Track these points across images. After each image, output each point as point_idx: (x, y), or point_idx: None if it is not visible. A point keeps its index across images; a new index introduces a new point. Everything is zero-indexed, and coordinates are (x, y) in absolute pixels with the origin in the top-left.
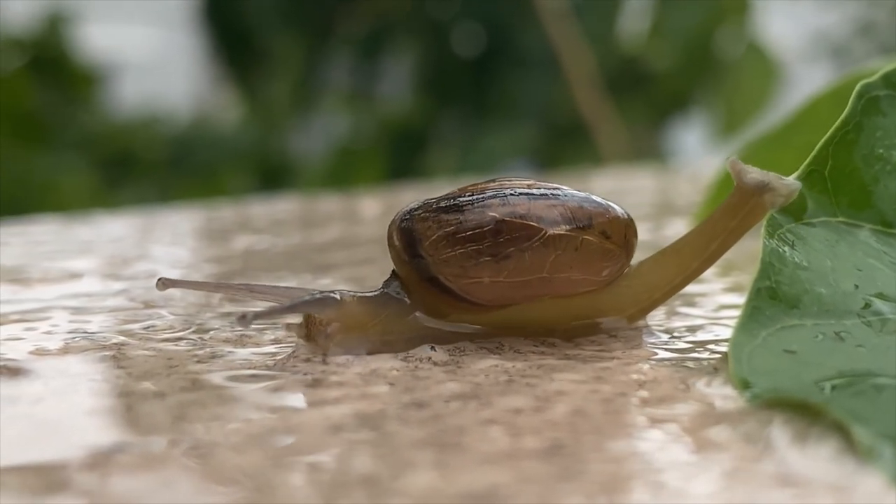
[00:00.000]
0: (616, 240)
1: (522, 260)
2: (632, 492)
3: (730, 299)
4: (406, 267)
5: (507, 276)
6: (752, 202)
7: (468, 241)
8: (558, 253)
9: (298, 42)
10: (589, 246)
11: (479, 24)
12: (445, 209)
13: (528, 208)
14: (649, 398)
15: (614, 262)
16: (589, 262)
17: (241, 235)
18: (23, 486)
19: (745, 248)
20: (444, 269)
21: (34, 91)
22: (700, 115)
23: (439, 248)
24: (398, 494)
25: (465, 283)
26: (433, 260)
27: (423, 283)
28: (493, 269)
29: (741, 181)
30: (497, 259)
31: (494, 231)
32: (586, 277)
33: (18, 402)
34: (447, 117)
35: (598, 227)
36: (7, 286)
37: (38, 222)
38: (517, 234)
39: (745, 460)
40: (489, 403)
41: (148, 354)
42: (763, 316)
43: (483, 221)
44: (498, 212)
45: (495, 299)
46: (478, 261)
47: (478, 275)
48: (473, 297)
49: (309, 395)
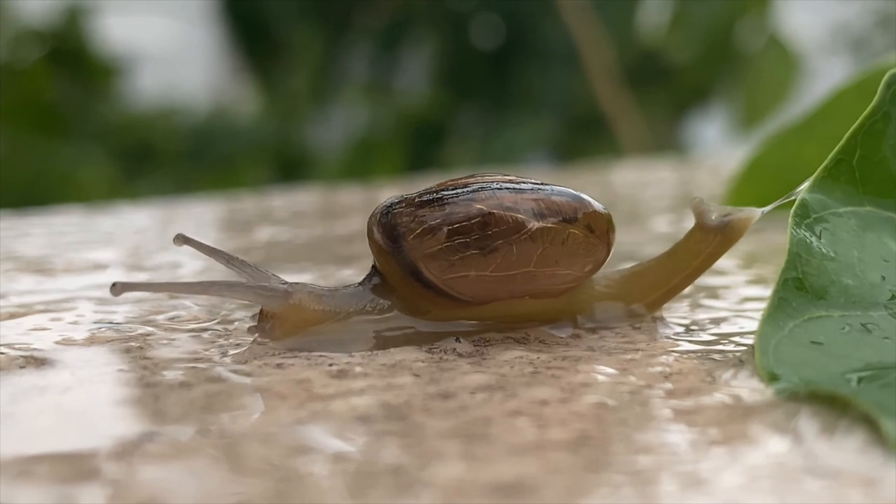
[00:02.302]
0: (599, 234)
1: (510, 253)
2: (659, 483)
3: (753, 291)
4: (388, 262)
5: (493, 269)
6: (716, 241)
7: (455, 234)
8: (546, 246)
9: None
10: (575, 239)
11: (498, 16)
12: (429, 203)
13: (515, 201)
14: (675, 390)
15: (596, 256)
16: (574, 256)
17: (263, 226)
18: (52, 475)
19: (767, 241)
20: (428, 264)
21: (53, 83)
22: (720, 108)
23: (424, 242)
24: (426, 485)
25: (449, 278)
26: (417, 254)
27: (405, 279)
28: (481, 263)
29: (703, 222)
30: (484, 252)
31: (482, 223)
32: (570, 272)
33: (46, 392)
34: (466, 110)
35: (584, 220)
36: (31, 276)
37: (60, 213)
38: (505, 227)
39: (773, 452)
40: (515, 395)
41: (173, 345)
42: (790, 307)
43: (470, 214)
44: (485, 204)
45: (478, 295)
46: (465, 254)
47: (464, 269)
48: (457, 292)
49: (334, 386)
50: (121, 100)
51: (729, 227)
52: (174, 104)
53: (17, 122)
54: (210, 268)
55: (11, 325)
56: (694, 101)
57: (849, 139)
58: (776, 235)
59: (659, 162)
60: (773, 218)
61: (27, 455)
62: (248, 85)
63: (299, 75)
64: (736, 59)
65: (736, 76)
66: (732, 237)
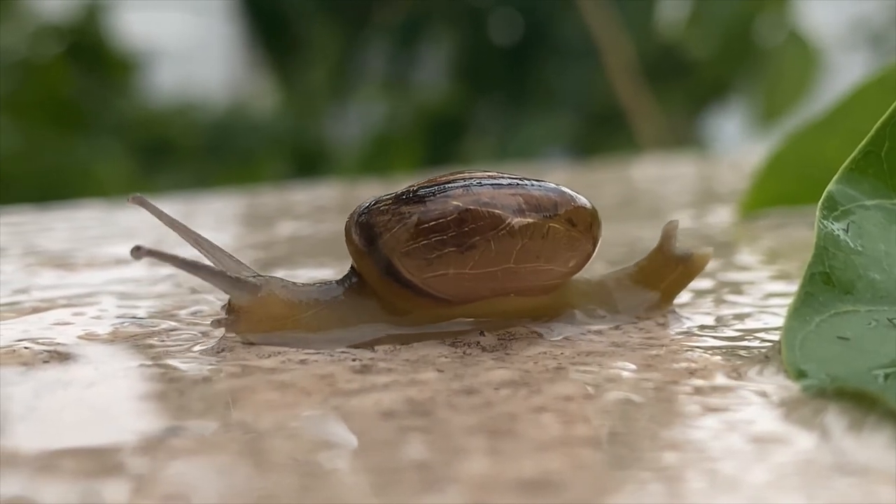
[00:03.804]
0: (582, 228)
1: (488, 250)
2: (687, 481)
3: (777, 287)
4: (365, 261)
5: (472, 267)
6: (678, 270)
7: (431, 231)
8: (525, 241)
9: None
10: (556, 234)
11: (516, 11)
12: (406, 201)
13: (493, 196)
14: (701, 386)
15: (580, 251)
16: (556, 251)
17: (284, 221)
18: (77, 470)
19: (790, 236)
20: (405, 262)
21: (72, 78)
22: (739, 104)
23: (400, 241)
24: (451, 481)
25: (428, 277)
26: (395, 253)
27: (383, 279)
28: (459, 261)
29: (667, 246)
30: (462, 250)
31: (458, 220)
32: (553, 268)
33: (70, 387)
34: (484, 105)
35: (564, 214)
36: (54, 271)
37: (82, 207)
38: (482, 223)
39: (800, 449)
40: (539, 391)
41: (196, 340)
42: (816, 302)
43: (446, 211)
44: (461, 201)
45: (459, 294)
46: (442, 252)
47: (442, 267)
48: (437, 291)
49: (358, 381)
50: (139, 95)
51: (690, 260)
52: (192, 99)
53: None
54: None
55: (34, 319)
56: (713, 96)
57: (878, 131)
58: (799, 231)
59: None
60: (795, 213)
61: (51, 449)
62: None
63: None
64: (755, 54)
65: (755, 72)
66: (693, 270)
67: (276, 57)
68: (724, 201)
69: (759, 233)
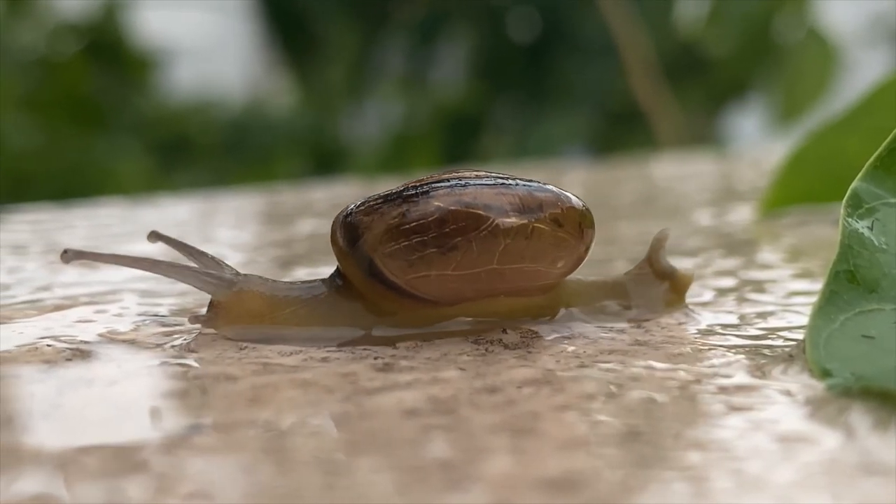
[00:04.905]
0: (569, 229)
1: (470, 251)
2: (713, 480)
3: (800, 286)
4: (349, 262)
5: (455, 268)
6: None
7: (413, 232)
8: (508, 242)
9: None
10: (540, 234)
11: (534, 8)
12: (389, 202)
13: (475, 196)
14: (725, 385)
15: (569, 252)
16: (541, 252)
17: (304, 219)
18: (100, 467)
19: (812, 234)
20: (388, 263)
21: (91, 76)
22: (758, 102)
23: (383, 242)
24: (475, 480)
25: (411, 278)
26: (377, 254)
27: (367, 280)
28: (441, 262)
29: (656, 255)
30: (443, 251)
31: (440, 221)
32: (539, 269)
33: (93, 385)
34: (502, 103)
35: (550, 215)
36: (76, 268)
37: (103, 205)
38: (464, 224)
39: (826, 448)
40: (562, 389)
41: (218, 338)
42: (841, 300)
43: (427, 212)
44: (443, 201)
45: (445, 295)
46: (423, 253)
47: (424, 268)
48: (421, 292)
49: (380, 379)
50: (158, 93)
51: (677, 275)
52: (211, 97)
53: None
54: (254, 260)
55: (57, 317)
56: (732, 94)
57: None
58: (820, 229)
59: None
60: (816, 211)
61: (75, 447)
62: (285, 78)
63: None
64: (774, 52)
65: (774, 69)
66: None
67: (294, 55)
68: (744, 199)
69: (780, 231)
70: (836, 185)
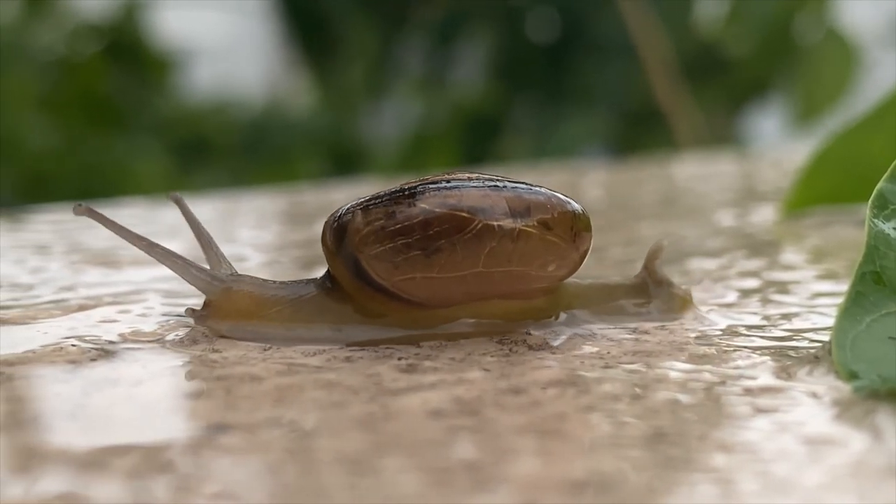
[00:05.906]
0: (559, 232)
1: (454, 253)
2: (739, 482)
3: (824, 287)
4: (336, 263)
5: (439, 271)
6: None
7: (397, 234)
8: (493, 245)
9: (373, 27)
10: (528, 237)
11: (554, 9)
12: (376, 204)
13: (460, 199)
14: (751, 387)
15: (560, 255)
16: (529, 256)
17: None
18: (126, 467)
19: (836, 235)
20: (374, 265)
21: (110, 76)
22: (778, 102)
23: (368, 243)
24: (502, 481)
25: (397, 280)
26: (363, 256)
27: (355, 282)
28: (425, 265)
29: (652, 263)
30: (427, 253)
31: (424, 223)
32: (529, 272)
33: (118, 385)
34: (521, 103)
35: (539, 218)
36: (99, 269)
37: (124, 205)
38: (447, 226)
39: (853, 451)
40: (587, 390)
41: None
42: (867, 301)
43: (411, 214)
44: (428, 203)
45: (433, 297)
46: (408, 255)
47: (410, 270)
48: (408, 294)
49: (405, 380)
50: (177, 93)
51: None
52: (230, 98)
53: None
54: (276, 261)
55: (81, 317)
56: (752, 94)
57: None
58: (845, 230)
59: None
60: (839, 211)
61: (101, 447)
62: (304, 78)
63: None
64: (794, 52)
65: (794, 69)
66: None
67: (313, 55)
68: (766, 199)
69: (803, 231)
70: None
